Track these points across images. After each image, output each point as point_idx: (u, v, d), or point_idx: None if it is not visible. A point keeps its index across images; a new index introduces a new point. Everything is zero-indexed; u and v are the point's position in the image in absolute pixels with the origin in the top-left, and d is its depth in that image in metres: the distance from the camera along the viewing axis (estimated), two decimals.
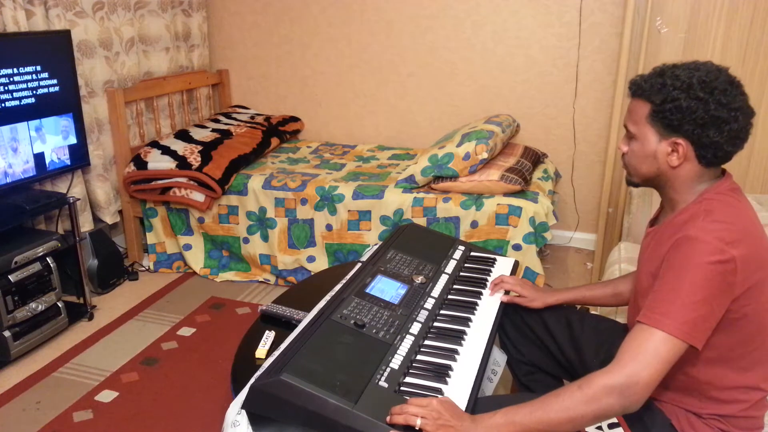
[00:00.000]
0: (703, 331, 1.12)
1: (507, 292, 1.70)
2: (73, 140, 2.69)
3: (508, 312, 1.71)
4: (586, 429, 1.27)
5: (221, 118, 3.75)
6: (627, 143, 1.31)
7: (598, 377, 1.12)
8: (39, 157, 2.60)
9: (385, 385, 1.25)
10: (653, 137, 1.24)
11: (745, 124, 1.20)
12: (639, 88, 1.26)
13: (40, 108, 2.57)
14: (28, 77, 2.50)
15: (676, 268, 1.14)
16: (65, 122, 2.62)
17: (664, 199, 1.33)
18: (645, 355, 1.09)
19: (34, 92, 2.53)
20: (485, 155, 2.79)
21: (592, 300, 1.64)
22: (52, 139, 2.62)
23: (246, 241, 3.12)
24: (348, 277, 1.74)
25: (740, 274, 1.12)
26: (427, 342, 1.45)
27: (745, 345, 1.21)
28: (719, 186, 1.23)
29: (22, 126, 2.50)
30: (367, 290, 1.59)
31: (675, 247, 1.16)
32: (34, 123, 2.55)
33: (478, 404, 1.29)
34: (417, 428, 1.13)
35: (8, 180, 2.48)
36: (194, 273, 3.23)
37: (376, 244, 2.13)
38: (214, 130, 3.43)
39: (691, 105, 1.17)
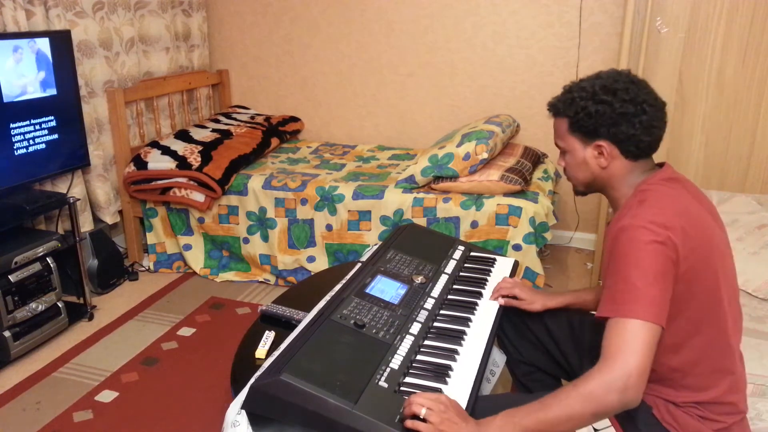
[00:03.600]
0: (663, 308, 1.15)
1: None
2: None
3: (507, 312, 1.71)
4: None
5: (221, 118, 3.75)
6: (563, 159, 1.42)
7: (593, 376, 1.12)
8: (38, 156, 2.61)
9: (385, 385, 1.25)
10: (578, 146, 1.35)
11: (655, 113, 1.29)
12: (554, 108, 1.39)
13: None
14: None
15: (620, 257, 1.18)
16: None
17: (609, 201, 1.40)
18: (628, 345, 1.11)
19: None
20: (485, 155, 2.79)
21: (593, 303, 1.64)
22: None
23: (246, 241, 3.12)
24: (348, 277, 1.74)
25: (681, 252, 1.17)
26: (427, 342, 1.45)
27: (706, 328, 1.24)
28: (653, 177, 1.30)
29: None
30: (367, 290, 1.59)
31: (614, 239, 1.21)
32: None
33: (477, 404, 1.29)
34: (422, 417, 1.14)
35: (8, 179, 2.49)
36: (194, 273, 3.23)
37: (376, 244, 2.13)
38: (214, 130, 3.43)
39: (599, 109, 1.29)
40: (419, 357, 1.39)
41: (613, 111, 1.28)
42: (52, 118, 2.65)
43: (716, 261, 1.24)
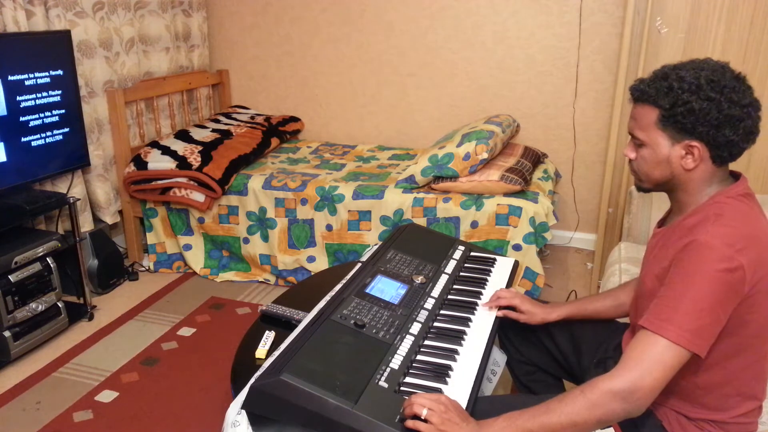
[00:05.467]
0: (707, 339, 1.11)
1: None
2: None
3: None
4: None
5: (221, 118, 3.75)
6: (635, 150, 1.26)
7: (601, 382, 1.11)
8: (38, 155, 2.61)
9: (385, 385, 1.25)
10: (665, 142, 1.21)
11: (756, 118, 1.18)
12: (643, 94, 1.22)
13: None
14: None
15: (683, 274, 1.12)
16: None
17: (673, 202, 1.30)
18: (649, 362, 1.09)
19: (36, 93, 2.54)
20: (485, 155, 2.79)
21: (594, 313, 1.59)
22: None
23: (246, 241, 3.12)
24: (348, 277, 1.74)
25: (748, 282, 1.11)
26: (427, 342, 1.45)
27: (745, 353, 1.20)
28: (732, 190, 1.20)
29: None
30: (367, 290, 1.59)
31: (683, 251, 1.13)
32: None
33: (477, 404, 1.29)
34: (423, 418, 1.14)
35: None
36: (194, 273, 3.23)
37: (376, 244, 2.13)
38: (214, 131, 3.43)
39: (703, 106, 1.14)
40: (419, 357, 1.39)
41: (720, 112, 1.14)
42: (52, 118, 2.65)
43: None
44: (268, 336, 1.67)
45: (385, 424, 1.15)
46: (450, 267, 1.82)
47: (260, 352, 1.61)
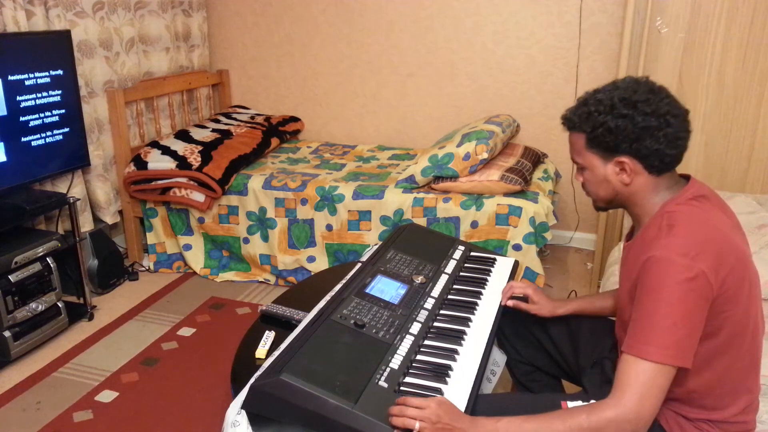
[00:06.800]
0: (688, 350, 1.12)
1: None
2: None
3: (506, 312, 1.71)
4: None
5: (221, 118, 3.75)
6: (581, 174, 1.36)
7: (605, 410, 1.12)
8: (38, 155, 2.61)
9: (385, 385, 1.25)
10: (598, 162, 1.28)
11: (679, 124, 1.22)
12: (570, 122, 1.31)
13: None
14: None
15: (648, 293, 1.14)
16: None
17: (631, 216, 1.34)
18: (643, 387, 1.10)
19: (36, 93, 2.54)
20: (485, 155, 2.79)
21: (597, 311, 1.62)
22: None
23: (246, 241, 3.12)
24: (348, 277, 1.74)
25: (714, 284, 1.12)
26: (426, 342, 1.45)
27: (730, 350, 1.20)
28: (680, 196, 1.23)
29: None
30: (367, 290, 1.59)
31: (644, 269, 1.16)
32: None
33: (477, 403, 1.29)
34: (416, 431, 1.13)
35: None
36: (194, 273, 3.23)
37: (376, 244, 2.13)
38: (214, 130, 3.43)
39: (618, 123, 1.21)
40: (419, 357, 1.39)
41: (635, 125, 1.20)
42: (52, 118, 2.65)
43: (746, 282, 1.19)
44: (268, 336, 1.67)
45: (385, 424, 1.15)
46: (450, 267, 1.82)
47: (260, 352, 1.61)
